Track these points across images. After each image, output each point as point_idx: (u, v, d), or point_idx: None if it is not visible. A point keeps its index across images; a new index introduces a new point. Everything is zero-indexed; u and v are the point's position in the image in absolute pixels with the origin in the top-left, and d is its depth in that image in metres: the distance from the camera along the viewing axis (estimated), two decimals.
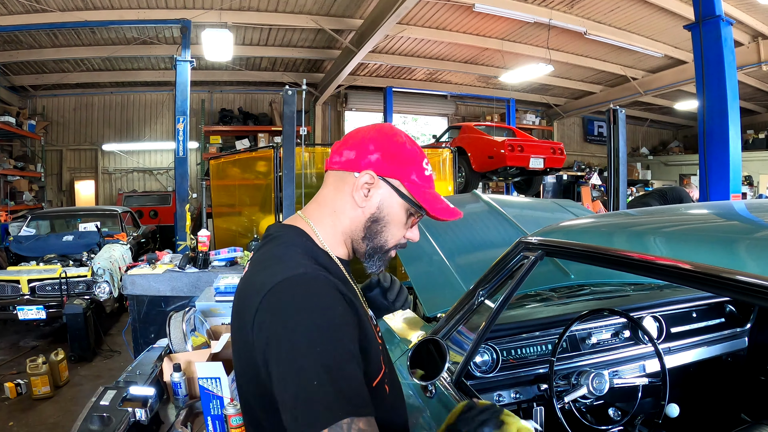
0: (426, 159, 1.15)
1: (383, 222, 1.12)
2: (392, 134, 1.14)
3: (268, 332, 0.94)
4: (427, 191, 1.13)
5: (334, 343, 0.91)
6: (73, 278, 5.97)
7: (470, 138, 9.45)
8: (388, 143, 1.11)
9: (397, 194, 1.11)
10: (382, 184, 1.11)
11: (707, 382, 2.36)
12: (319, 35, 10.64)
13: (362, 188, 1.10)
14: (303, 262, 1.02)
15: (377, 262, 1.17)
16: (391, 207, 1.12)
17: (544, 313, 2.17)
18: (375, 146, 1.11)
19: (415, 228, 1.18)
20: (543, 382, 1.91)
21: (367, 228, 1.13)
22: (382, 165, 1.10)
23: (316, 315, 0.93)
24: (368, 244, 1.14)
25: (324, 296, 0.96)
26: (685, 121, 18.29)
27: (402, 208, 1.12)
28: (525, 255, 1.54)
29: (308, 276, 0.98)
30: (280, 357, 0.91)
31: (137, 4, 8.77)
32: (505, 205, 3.40)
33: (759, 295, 0.88)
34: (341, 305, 0.97)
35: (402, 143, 1.12)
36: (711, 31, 5.60)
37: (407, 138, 1.15)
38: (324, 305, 0.95)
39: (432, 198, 1.13)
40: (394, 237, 1.15)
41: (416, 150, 1.14)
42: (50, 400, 4.54)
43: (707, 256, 1.03)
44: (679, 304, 2.30)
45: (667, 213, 1.62)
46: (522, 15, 9.17)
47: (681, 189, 8.19)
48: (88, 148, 13.51)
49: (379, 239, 1.14)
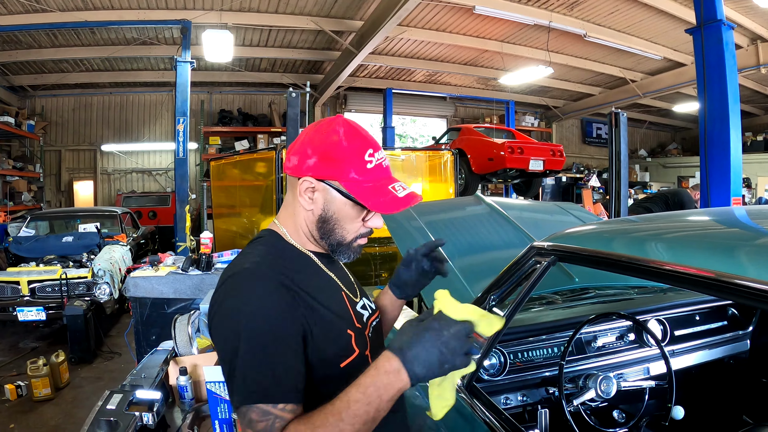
0: (371, 149, 1.14)
1: (333, 221, 1.16)
2: (328, 133, 1.13)
3: (211, 322, 1.07)
4: (367, 186, 1.13)
5: (260, 330, 0.98)
6: (73, 279, 5.95)
7: (470, 140, 9.46)
8: (323, 145, 1.12)
9: (339, 194, 1.13)
10: (323, 187, 1.13)
11: (709, 384, 2.37)
12: (319, 36, 10.64)
13: (305, 193, 1.15)
14: (255, 259, 1.10)
15: (345, 254, 1.21)
16: (335, 206, 1.15)
17: (551, 317, 2.18)
18: (312, 150, 1.13)
19: (377, 217, 1.21)
20: (550, 385, 1.92)
21: (320, 228, 1.17)
22: (319, 168, 1.12)
23: (245, 306, 1.00)
24: (327, 241, 1.19)
25: (257, 288, 1.02)
26: (684, 123, 18.35)
27: (348, 206, 1.14)
28: (537, 260, 1.55)
29: (248, 271, 1.06)
30: (216, 343, 1.05)
31: (137, 5, 8.76)
32: (507, 208, 3.40)
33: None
34: (275, 296, 1.02)
35: (337, 142, 1.12)
36: (712, 35, 5.61)
37: (345, 134, 1.13)
38: (254, 297, 1.01)
39: (373, 192, 1.13)
40: (350, 231, 1.18)
41: (355, 145, 1.13)
42: (51, 402, 4.52)
43: (721, 263, 1.04)
44: (682, 307, 2.31)
45: (679, 220, 1.63)
46: (522, 17, 9.20)
47: (683, 192, 8.22)
48: (87, 149, 13.49)
49: (335, 236, 1.18)
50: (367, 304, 1.32)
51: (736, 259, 1.06)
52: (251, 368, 0.97)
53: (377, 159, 1.15)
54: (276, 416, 0.95)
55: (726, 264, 1.03)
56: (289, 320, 1.02)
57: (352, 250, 1.21)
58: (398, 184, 1.16)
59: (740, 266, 1.01)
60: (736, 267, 1.01)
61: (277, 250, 1.16)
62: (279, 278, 1.06)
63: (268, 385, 0.96)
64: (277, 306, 1.02)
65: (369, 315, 1.29)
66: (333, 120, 1.17)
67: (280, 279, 1.06)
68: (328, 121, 1.17)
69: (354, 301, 1.24)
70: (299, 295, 1.06)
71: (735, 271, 0.99)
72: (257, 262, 1.09)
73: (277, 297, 1.03)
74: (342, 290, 1.22)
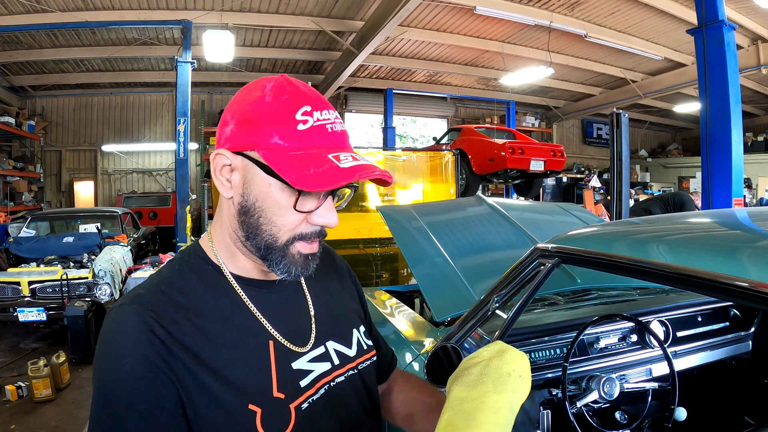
0: (307, 106, 0.80)
1: (256, 211, 0.82)
2: (251, 90, 0.83)
3: None
4: (295, 154, 0.78)
5: (112, 400, 0.75)
6: (73, 280, 5.95)
7: (471, 140, 9.46)
8: (242, 104, 0.82)
9: (259, 168, 0.80)
10: (242, 162, 0.81)
11: (711, 385, 2.37)
12: (320, 37, 10.65)
13: (221, 173, 0.83)
14: (139, 291, 0.84)
15: (282, 265, 0.84)
16: (257, 189, 0.81)
17: (553, 318, 2.17)
18: (231, 114, 0.83)
19: (327, 210, 0.84)
20: (552, 386, 1.91)
21: (242, 223, 0.83)
22: (236, 136, 0.81)
23: (103, 360, 0.78)
24: (253, 244, 0.84)
25: (122, 342, 0.77)
26: (684, 124, 18.36)
27: (274, 187, 0.80)
28: (541, 262, 1.55)
29: (121, 311, 0.80)
30: None
31: (138, 5, 8.77)
32: (508, 209, 3.40)
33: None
34: (137, 359, 0.75)
35: (259, 98, 0.80)
36: (714, 35, 5.62)
37: (273, 89, 0.81)
38: (114, 353, 0.77)
39: (301, 162, 0.77)
40: (284, 226, 0.82)
41: (282, 100, 0.80)
42: (52, 403, 4.52)
43: (723, 265, 1.04)
44: (685, 308, 2.31)
45: (681, 222, 1.62)
46: (523, 18, 9.21)
47: (683, 194, 8.23)
48: (88, 149, 13.50)
49: (262, 235, 0.82)
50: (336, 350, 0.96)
51: (738, 261, 1.06)
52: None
53: (318, 120, 0.81)
54: None
55: (728, 266, 1.03)
56: (144, 391, 0.75)
57: (291, 260, 0.84)
58: (347, 154, 0.81)
59: (742, 268, 1.01)
60: (738, 269, 1.01)
61: (180, 277, 0.86)
62: (155, 330, 0.77)
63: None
64: (141, 374, 0.75)
65: (325, 371, 0.92)
66: (263, 78, 0.85)
67: (155, 332, 0.77)
68: (256, 80, 0.86)
69: (291, 353, 0.88)
70: (177, 357, 0.77)
71: (737, 273, 0.99)
72: (138, 295, 0.83)
73: (144, 359, 0.75)
74: (270, 338, 0.87)
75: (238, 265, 0.89)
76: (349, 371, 0.97)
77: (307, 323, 0.94)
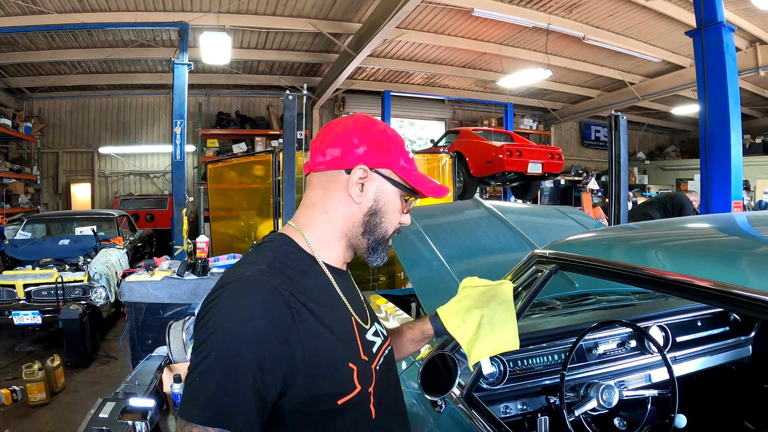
0: (405, 142, 1.16)
1: (381, 213, 1.11)
2: (371, 123, 1.13)
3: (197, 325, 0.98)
4: (416, 173, 1.13)
5: (235, 350, 0.90)
6: (69, 283, 5.92)
7: (468, 143, 9.44)
8: (371, 133, 1.10)
9: (390, 183, 1.11)
10: (375, 176, 1.10)
11: (711, 390, 2.35)
12: (317, 39, 10.62)
13: (357, 184, 1.09)
14: (261, 267, 1.00)
15: (381, 254, 1.16)
16: (386, 196, 1.11)
17: (551, 324, 2.15)
18: (359, 139, 1.09)
19: (408, 213, 1.19)
20: (550, 394, 1.89)
21: (366, 222, 1.11)
22: (371, 156, 1.09)
23: (233, 319, 0.92)
24: (369, 238, 1.13)
25: (252, 303, 0.93)
26: (682, 126, 18.36)
27: (396, 196, 1.13)
28: (538, 269, 1.52)
29: (249, 280, 0.96)
30: (194, 346, 0.95)
31: (135, 7, 8.72)
32: (506, 212, 3.38)
33: None
34: (267, 317, 0.92)
35: (383, 131, 1.12)
36: (712, 37, 5.61)
37: (385, 125, 1.15)
38: (246, 313, 0.92)
39: (421, 179, 1.14)
40: (392, 225, 1.15)
41: (396, 135, 1.14)
42: (46, 407, 4.49)
43: (722, 272, 1.01)
44: (684, 313, 2.29)
45: (680, 227, 1.60)
46: (520, 20, 9.18)
47: (682, 196, 8.20)
48: (85, 151, 13.43)
49: (380, 230, 1.13)
50: (380, 330, 1.23)
51: (738, 268, 1.04)
52: (216, 386, 0.89)
53: (411, 152, 1.16)
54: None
55: (728, 274, 1.00)
56: (272, 347, 0.92)
57: (386, 251, 1.17)
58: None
59: (742, 276, 0.99)
60: (738, 277, 0.98)
61: (287, 259, 1.05)
62: (283, 294, 0.96)
63: (224, 409, 0.88)
64: (270, 331, 0.92)
65: (381, 343, 1.19)
66: (363, 114, 1.16)
67: (284, 295, 0.96)
68: (359, 114, 1.15)
69: (364, 328, 1.14)
70: (302, 318, 0.97)
71: (737, 282, 0.96)
72: (262, 270, 0.99)
73: (275, 318, 0.93)
74: (352, 315, 1.12)
75: (330, 256, 1.13)
76: (390, 345, 1.26)
77: (363, 306, 1.21)
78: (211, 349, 0.90)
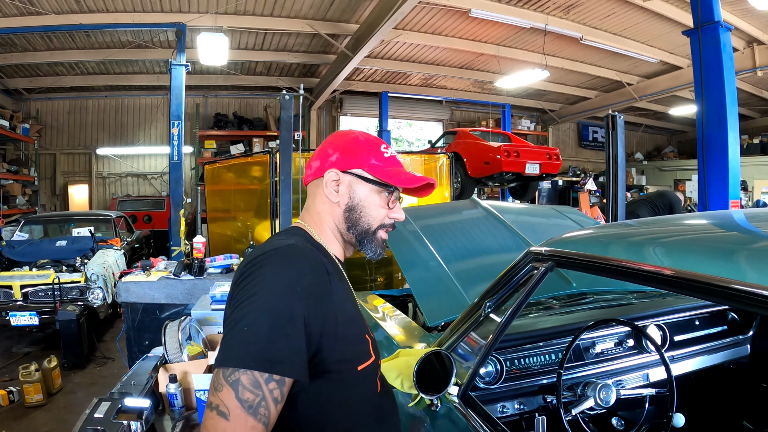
0: (384, 145, 1.28)
1: (359, 208, 1.23)
2: (345, 134, 1.29)
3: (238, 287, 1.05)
4: (389, 169, 1.24)
5: (287, 302, 1.00)
6: (66, 284, 5.89)
7: (466, 143, 9.44)
8: (342, 142, 1.26)
9: (362, 180, 1.23)
10: (347, 177, 1.23)
11: (709, 389, 2.34)
12: (315, 40, 10.62)
13: (330, 185, 1.23)
14: (298, 240, 1.16)
15: (372, 246, 1.27)
16: (360, 192, 1.23)
17: (548, 323, 2.14)
18: (333, 148, 1.25)
19: (398, 209, 1.28)
20: (547, 393, 1.88)
21: (347, 218, 1.24)
22: (342, 161, 1.23)
23: (283, 274, 1.03)
24: (354, 232, 1.25)
25: (301, 261, 1.07)
26: (680, 127, 18.39)
27: (372, 191, 1.24)
28: (534, 266, 1.51)
29: (295, 246, 1.11)
30: (236, 303, 1.01)
31: (132, 8, 8.72)
32: (503, 212, 3.38)
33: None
34: (314, 275, 1.06)
35: (354, 137, 1.26)
36: (710, 37, 5.61)
37: (361, 133, 1.29)
38: (296, 270, 1.04)
39: (395, 173, 1.24)
40: (375, 218, 1.25)
41: (370, 140, 1.27)
42: (43, 408, 4.46)
43: (720, 267, 1.01)
44: (682, 312, 2.28)
45: (677, 223, 1.59)
46: (518, 20, 9.19)
47: (671, 194, 8.19)
48: (82, 152, 13.42)
49: (362, 224, 1.24)
50: None
51: (736, 263, 1.03)
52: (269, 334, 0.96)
53: (391, 152, 1.28)
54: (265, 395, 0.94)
55: (725, 269, 1.00)
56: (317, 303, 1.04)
57: (377, 243, 1.27)
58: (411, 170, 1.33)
59: (740, 271, 0.98)
60: (736, 272, 0.98)
61: (311, 242, 1.21)
62: (322, 260, 1.11)
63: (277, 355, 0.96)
64: (316, 288, 1.05)
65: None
66: (346, 129, 1.34)
67: (323, 261, 1.11)
68: (341, 130, 1.35)
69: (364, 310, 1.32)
70: (335, 285, 1.11)
71: (735, 276, 0.96)
72: (301, 241, 1.15)
73: (321, 278, 1.07)
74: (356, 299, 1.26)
75: (334, 250, 1.26)
76: None
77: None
78: (263, 301, 0.99)
